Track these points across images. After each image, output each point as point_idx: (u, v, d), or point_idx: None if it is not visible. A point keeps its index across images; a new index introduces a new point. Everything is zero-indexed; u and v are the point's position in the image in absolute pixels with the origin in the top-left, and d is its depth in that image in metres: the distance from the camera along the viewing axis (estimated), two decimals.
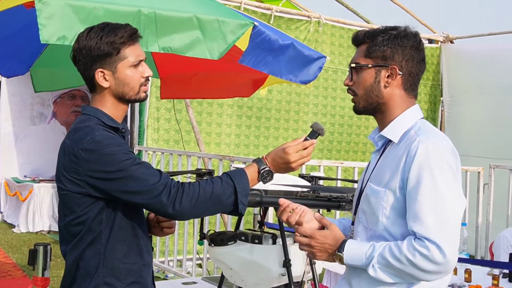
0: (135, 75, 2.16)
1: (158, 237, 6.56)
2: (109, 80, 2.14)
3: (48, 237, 8.59)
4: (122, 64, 2.13)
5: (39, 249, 3.23)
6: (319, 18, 8.12)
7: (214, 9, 3.48)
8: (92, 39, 2.11)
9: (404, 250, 1.85)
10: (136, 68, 2.16)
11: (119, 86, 2.15)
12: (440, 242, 1.81)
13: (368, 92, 2.03)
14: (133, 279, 2.15)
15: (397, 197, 1.93)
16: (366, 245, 1.94)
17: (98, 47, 2.10)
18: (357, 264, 1.96)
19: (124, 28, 2.14)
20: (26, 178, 9.63)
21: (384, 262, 1.88)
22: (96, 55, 2.11)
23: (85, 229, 2.09)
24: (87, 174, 2.04)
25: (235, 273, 3.30)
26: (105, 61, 2.12)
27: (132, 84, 2.16)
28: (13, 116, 10.07)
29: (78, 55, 2.15)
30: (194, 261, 6.16)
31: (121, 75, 2.14)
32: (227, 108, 7.68)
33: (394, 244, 1.88)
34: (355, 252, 1.95)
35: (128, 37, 2.14)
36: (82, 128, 2.09)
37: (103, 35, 2.11)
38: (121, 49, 2.12)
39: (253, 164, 2.15)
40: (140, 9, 3.00)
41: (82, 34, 2.15)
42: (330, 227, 2.03)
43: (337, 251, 1.98)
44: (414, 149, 1.90)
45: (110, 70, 2.13)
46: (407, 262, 1.84)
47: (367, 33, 2.05)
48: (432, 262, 1.82)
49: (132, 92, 2.17)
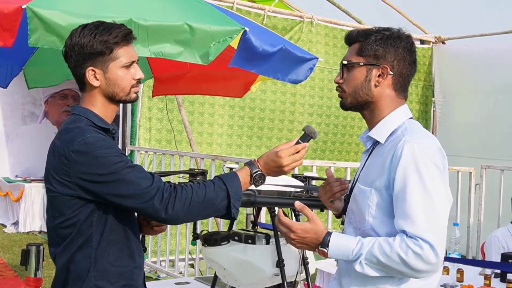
0: (126, 76, 2.13)
1: (151, 237, 6.55)
2: (100, 80, 2.11)
3: (39, 237, 8.56)
4: (114, 64, 2.11)
5: (32, 249, 3.21)
6: (312, 18, 8.14)
7: (205, 14, 3.50)
8: (85, 36, 2.08)
9: (396, 247, 1.84)
10: (128, 69, 2.13)
11: (110, 86, 2.12)
12: (433, 242, 1.82)
13: (357, 90, 2.03)
14: (125, 282, 2.13)
15: (383, 196, 1.93)
16: (353, 240, 1.92)
17: (91, 45, 2.07)
18: (342, 259, 1.95)
19: (118, 28, 2.12)
20: (17, 178, 9.60)
21: (373, 259, 1.87)
22: (88, 53, 2.08)
23: (75, 232, 2.05)
24: (77, 177, 2.00)
25: (229, 273, 3.30)
26: (97, 60, 2.09)
27: (123, 85, 2.13)
28: (4, 116, 10.04)
29: (70, 52, 2.12)
30: (186, 261, 6.15)
31: (112, 75, 2.11)
32: (219, 108, 7.68)
33: (384, 240, 1.87)
34: (340, 248, 1.92)
35: (122, 37, 2.11)
36: (72, 129, 2.05)
37: (97, 33, 2.08)
38: (114, 49, 2.10)
39: (245, 167, 2.13)
40: (131, 18, 3.02)
41: (76, 31, 2.12)
42: (311, 219, 1.98)
43: (320, 246, 1.95)
44: (400, 149, 1.90)
45: (101, 69, 2.10)
46: (398, 260, 1.84)
47: (360, 32, 2.06)
48: (424, 262, 1.82)
49: (123, 93, 2.14)
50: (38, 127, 10.31)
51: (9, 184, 9.30)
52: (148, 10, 3.24)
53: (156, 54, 3.14)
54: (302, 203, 2.03)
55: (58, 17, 2.93)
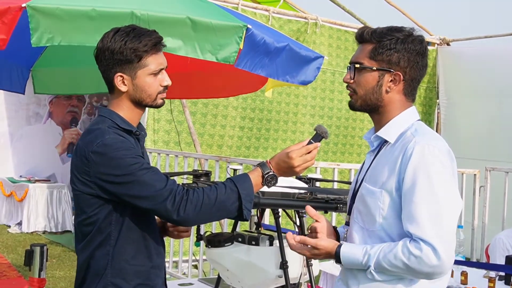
0: (154, 83, 2.17)
1: None
2: (128, 85, 2.16)
3: (43, 238, 8.57)
4: (142, 71, 2.14)
5: (36, 249, 3.22)
6: (316, 19, 8.13)
7: (208, 11, 3.49)
8: (116, 42, 2.11)
9: (399, 254, 1.85)
10: (156, 76, 2.17)
11: (137, 92, 2.17)
12: (435, 244, 1.82)
13: (368, 94, 2.02)
14: (140, 281, 2.17)
15: (394, 197, 1.93)
16: (359, 251, 1.94)
17: (121, 51, 2.11)
18: (355, 268, 1.98)
19: (149, 36, 2.14)
20: (22, 178, 9.60)
21: (381, 268, 1.90)
22: (117, 59, 2.12)
23: (95, 230, 2.12)
24: (96, 176, 2.06)
25: (232, 274, 3.30)
26: (125, 67, 2.13)
27: (150, 92, 2.17)
28: (9, 116, 10.05)
29: (100, 55, 2.16)
30: (190, 262, 6.15)
31: (140, 82, 2.15)
32: (232, 110, 7.68)
33: (388, 249, 1.89)
34: (350, 258, 1.96)
35: (152, 46, 2.14)
36: (94, 130, 2.11)
37: (128, 40, 2.11)
38: (143, 57, 2.13)
39: (257, 168, 2.14)
40: (133, 11, 3.01)
41: (108, 35, 2.15)
42: (317, 246, 2.01)
43: (335, 260, 1.99)
44: (410, 150, 1.90)
45: (129, 75, 2.14)
46: (403, 266, 1.86)
47: (374, 33, 2.01)
48: (426, 264, 1.83)
49: (149, 99, 2.19)
50: (43, 127, 10.33)
51: (13, 184, 9.31)
52: (150, 4, 3.23)
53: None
54: (301, 237, 2.05)
55: (59, 13, 2.91)
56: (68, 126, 10.32)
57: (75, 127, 10.26)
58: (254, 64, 3.46)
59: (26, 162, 10.06)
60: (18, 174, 9.92)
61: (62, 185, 9.23)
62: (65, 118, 10.34)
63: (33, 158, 10.06)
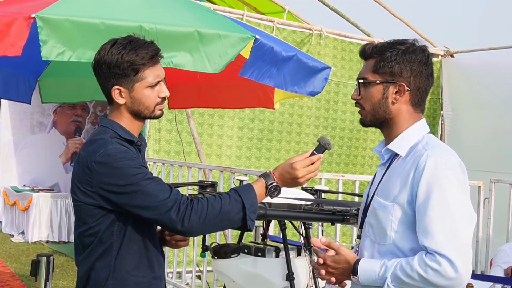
0: (151, 95, 2.17)
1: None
2: (125, 98, 2.16)
3: (46, 247, 8.56)
4: (140, 84, 2.14)
5: (42, 259, 3.22)
6: (321, 30, 8.15)
7: (215, 22, 3.49)
8: (113, 55, 2.11)
9: (416, 267, 1.85)
10: (153, 88, 2.17)
11: (135, 104, 2.17)
12: (451, 257, 1.82)
13: (375, 108, 2.03)
14: None
15: (406, 211, 1.93)
16: (377, 264, 1.94)
17: (117, 65, 2.11)
18: (373, 285, 1.96)
19: (146, 49, 2.13)
20: (25, 188, 9.61)
21: (398, 281, 1.89)
22: (114, 73, 2.12)
23: (96, 240, 2.11)
24: (99, 186, 2.05)
25: (238, 286, 3.29)
26: (123, 80, 2.13)
27: (147, 104, 2.17)
28: (13, 125, 10.07)
29: (98, 68, 2.16)
30: (193, 273, 6.13)
31: (137, 95, 2.15)
32: (228, 120, 7.68)
33: (405, 261, 1.89)
34: (368, 274, 1.95)
35: (149, 59, 2.14)
36: (96, 140, 2.11)
37: (125, 53, 2.11)
38: (140, 70, 2.13)
39: (261, 179, 2.14)
40: (141, 25, 3.02)
41: (105, 47, 2.15)
42: (339, 251, 2.02)
43: (352, 275, 1.98)
44: (422, 163, 1.90)
45: (127, 88, 2.14)
46: (419, 279, 1.85)
47: (375, 48, 2.04)
48: (444, 277, 1.82)
49: (147, 111, 2.19)
50: (47, 136, 10.34)
51: (16, 193, 9.31)
52: (158, 18, 3.23)
53: (166, 64, 3.13)
54: (327, 239, 2.06)
55: (68, 26, 2.91)
56: (72, 136, 10.34)
57: (79, 137, 10.28)
58: (261, 74, 3.46)
59: (30, 171, 10.06)
60: (22, 183, 9.92)
61: (65, 194, 9.22)
62: (69, 127, 10.36)
63: (37, 167, 10.07)
